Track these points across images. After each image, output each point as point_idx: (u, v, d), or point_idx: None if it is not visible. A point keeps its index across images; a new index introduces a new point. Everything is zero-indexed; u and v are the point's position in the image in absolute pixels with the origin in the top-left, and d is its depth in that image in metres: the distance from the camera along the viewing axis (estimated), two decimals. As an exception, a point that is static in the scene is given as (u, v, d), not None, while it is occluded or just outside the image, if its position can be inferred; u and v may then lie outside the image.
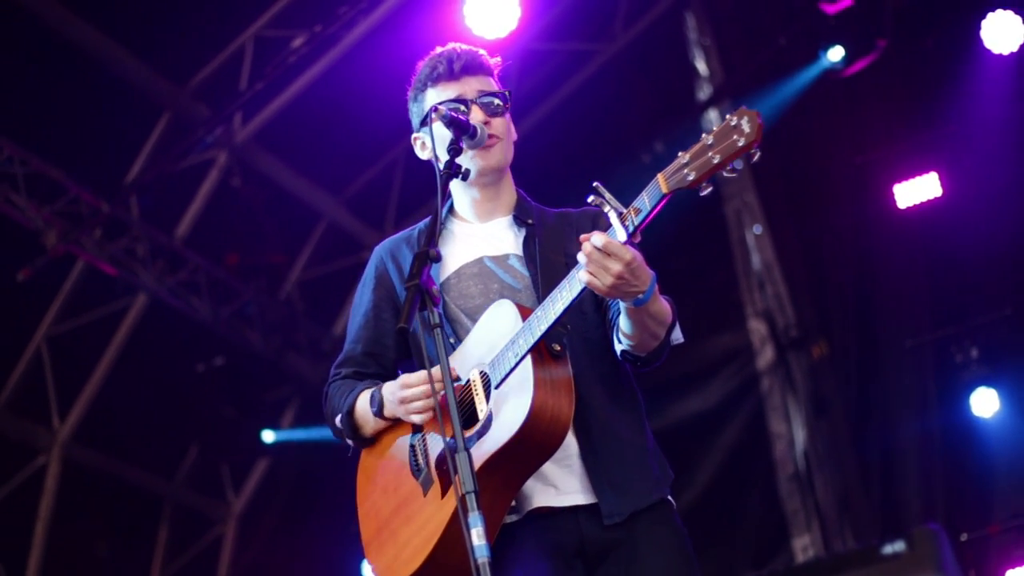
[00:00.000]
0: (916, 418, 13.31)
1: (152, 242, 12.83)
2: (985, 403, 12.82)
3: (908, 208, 12.92)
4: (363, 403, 5.05)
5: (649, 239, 4.46)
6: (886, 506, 13.47)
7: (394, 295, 5.21)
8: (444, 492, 4.74)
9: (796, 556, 13.78)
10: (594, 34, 13.97)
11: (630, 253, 4.41)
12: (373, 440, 5.14)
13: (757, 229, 14.48)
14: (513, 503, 4.76)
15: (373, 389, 5.02)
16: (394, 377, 5.13)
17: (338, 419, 5.14)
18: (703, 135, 4.30)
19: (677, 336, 4.83)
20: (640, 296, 4.51)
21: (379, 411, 4.97)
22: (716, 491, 14.07)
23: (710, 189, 4.32)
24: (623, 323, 4.69)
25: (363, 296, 5.29)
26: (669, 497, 4.98)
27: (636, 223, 4.38)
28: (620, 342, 4.80)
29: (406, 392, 4.81)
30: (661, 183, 4.34)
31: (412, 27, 11.94)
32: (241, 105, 12.37)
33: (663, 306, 4.69)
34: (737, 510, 14.47)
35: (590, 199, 4.45)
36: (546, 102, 13.90)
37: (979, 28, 12.47)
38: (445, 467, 4.67)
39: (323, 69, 12.58)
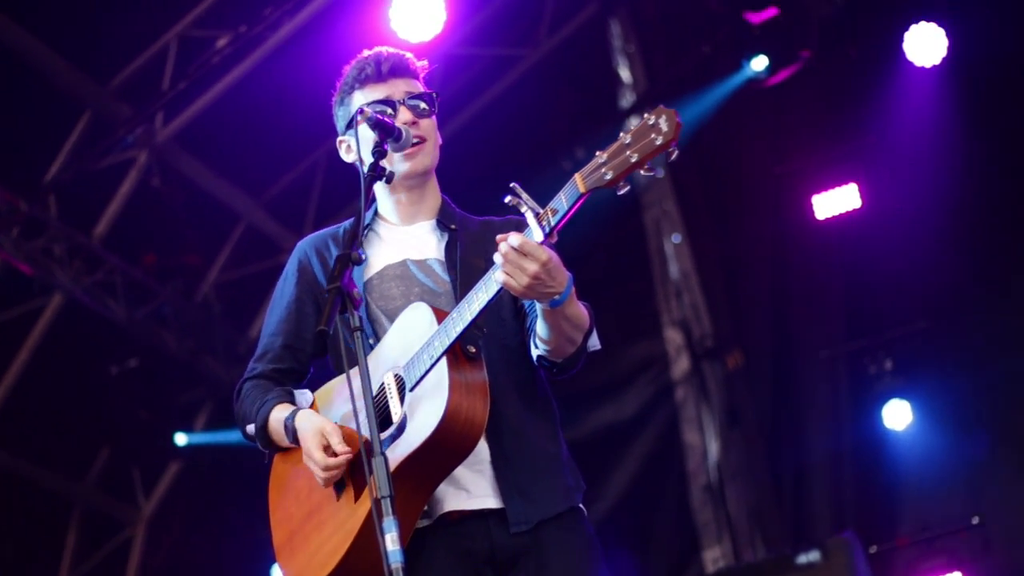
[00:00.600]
0: (829, 429, 13.34)
1: (70, 242, 12.70)
2: (897, 415, 12.85)
3: (826, 219, 12.94)
4: (277, 424, 4.96)
5: (567, 246, 4.45)
6: (797, 518, 13.51)
7: (317, 290, 5.17)
8: (357, 496, 4.71)
9: (706, 568, 13.78)
10: (519, 39, 13.95)
11: (546, 253, 4.39)
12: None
13: (676, 238, 14.48)
14: (425, 507, 4.73)
15: (287, 414, 4.93)
16: (307, 374, 5.13)
17: (250, 428, 5.08)
18: (621, 134, 4.31)
19: (594, 343, 4.82)
20: (557, 297, 4.50)
21: (294, 441, 4.89)
22: (629, 502, 14.04)
23: (627, 188, 4.31)
24: (540, 327, 4.68)
25: (284, 289, 5.25)
26: (581, 505, 4.97)
27: (553, 223, 4.37)
28: (537, 347, 4.79)
29: (330, 461, 4.71)
30: (579, 182, 4.34)
31: (337, 29, 11.88)
32: (163, 105, 12.28)
33: (580, 310, 4.68)
34: (650, 521, 14.45)
35: (507, 199, 4.42)
36: (469, 107, 13.86)
37: (902, 40, 12.50)
38: (359, 471, 4.64)
39: (247, 70, 12.47)
